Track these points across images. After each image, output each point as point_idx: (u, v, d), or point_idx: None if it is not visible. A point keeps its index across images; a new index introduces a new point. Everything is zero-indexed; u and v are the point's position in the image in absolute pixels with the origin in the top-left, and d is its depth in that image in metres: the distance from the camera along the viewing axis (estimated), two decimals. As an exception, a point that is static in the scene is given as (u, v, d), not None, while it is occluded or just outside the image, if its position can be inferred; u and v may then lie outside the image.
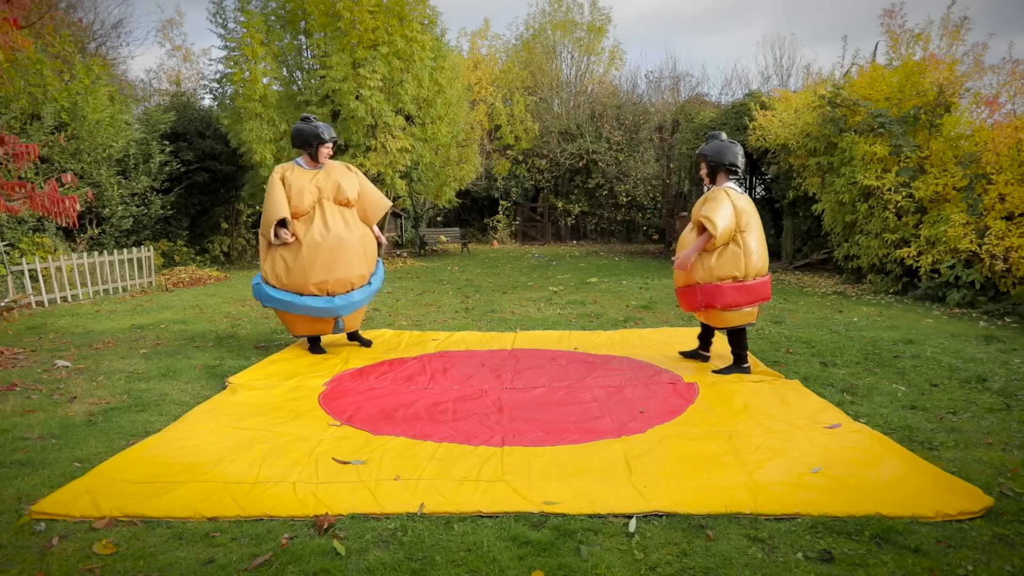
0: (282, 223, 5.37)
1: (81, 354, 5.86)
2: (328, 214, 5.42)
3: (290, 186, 5.39)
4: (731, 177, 4.82)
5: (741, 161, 4.78)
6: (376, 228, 5.84)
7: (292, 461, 3.30)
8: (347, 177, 5.60)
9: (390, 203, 5.80)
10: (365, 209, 5.69)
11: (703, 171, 4.90)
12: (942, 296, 8.32)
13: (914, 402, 4.23)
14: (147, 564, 2.40)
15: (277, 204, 5.33)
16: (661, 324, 7.02)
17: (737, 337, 4.86)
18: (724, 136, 4.86)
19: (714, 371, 4.90)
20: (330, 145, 5.56)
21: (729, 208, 4.61)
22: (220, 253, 15.14)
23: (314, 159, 5.54)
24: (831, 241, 10.63)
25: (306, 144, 5.48)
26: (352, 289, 5.51)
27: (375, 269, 5.80)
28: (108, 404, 4.36)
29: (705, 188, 5.16)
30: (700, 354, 5.28)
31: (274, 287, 5.43)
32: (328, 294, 5.40)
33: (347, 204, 5.55)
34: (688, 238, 4.92)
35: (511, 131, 21.15)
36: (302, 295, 5.36)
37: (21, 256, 9.22)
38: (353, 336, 6.04)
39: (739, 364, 4.88)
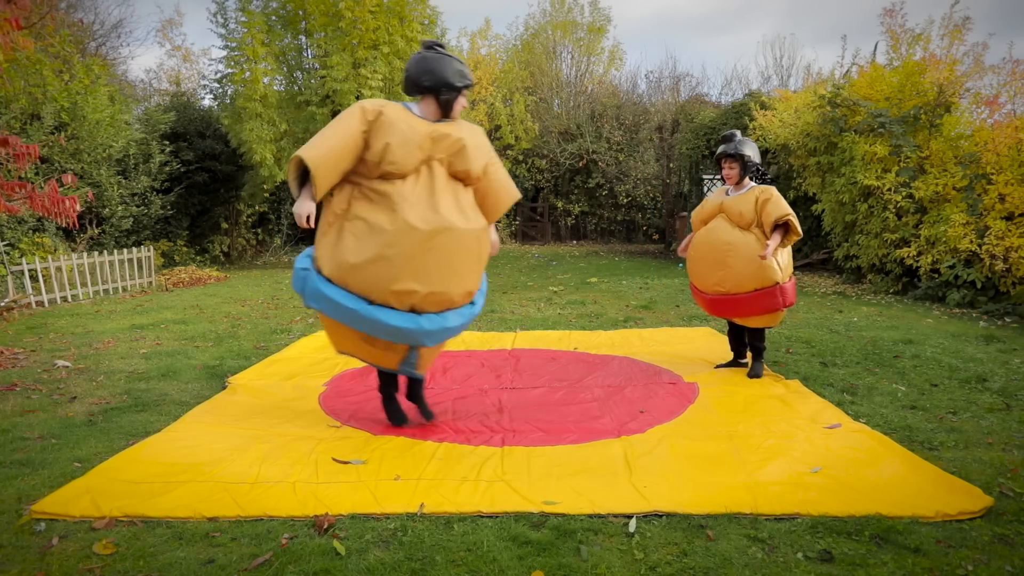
0: (308, 204, 3.28)
1: (81, 354, 5.86)
2: (439, 186, 3.41)
3: (389, 128, 3.30)
4: (755, 179, 4.86)
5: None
6: (493, 229, 3.81)
7: (292, 461, 3.30)
8: (480, 141, 3.62)
9: (519, 194, 3.90)
10: (486, 196, 3.67)
11: (735, 170, 4.80)
12: (942, 296, 8.32)
13: (914, 402, 4.23)
14: (147, 564, 2.40)
15: (320, 137, 3.30)
16: (661, 324, 7.02)
17: (761, 333, 4.95)
18: (740, 135, 4.86)
19: (750, 374, 4.83)
20: (466, 94, 3.56)
21: None
22: (220, 253, 15.13)
23: (445, 112, 3.49)
24: (831, 241, 10.62)
25: (430, 88, 3.43)
26: (451, 308, 3.52)
27: (481, 285, 3.80)
28: (108, 404, 4.36)
29: (714, 188, 5.18)
30: (739, 363, 5.16)
31: (330, 281, 3.38)
32: (412, 309, 3.40)
33: (466, 179, 3.53)
34: (739, 238, 4.76)
35: (511, 131, 21.12)
36: (372, 303, 3.35)
37: (21, 256, 9.21)
38: (414, 395, 3.95)
39: (760, 357, 4.94)
